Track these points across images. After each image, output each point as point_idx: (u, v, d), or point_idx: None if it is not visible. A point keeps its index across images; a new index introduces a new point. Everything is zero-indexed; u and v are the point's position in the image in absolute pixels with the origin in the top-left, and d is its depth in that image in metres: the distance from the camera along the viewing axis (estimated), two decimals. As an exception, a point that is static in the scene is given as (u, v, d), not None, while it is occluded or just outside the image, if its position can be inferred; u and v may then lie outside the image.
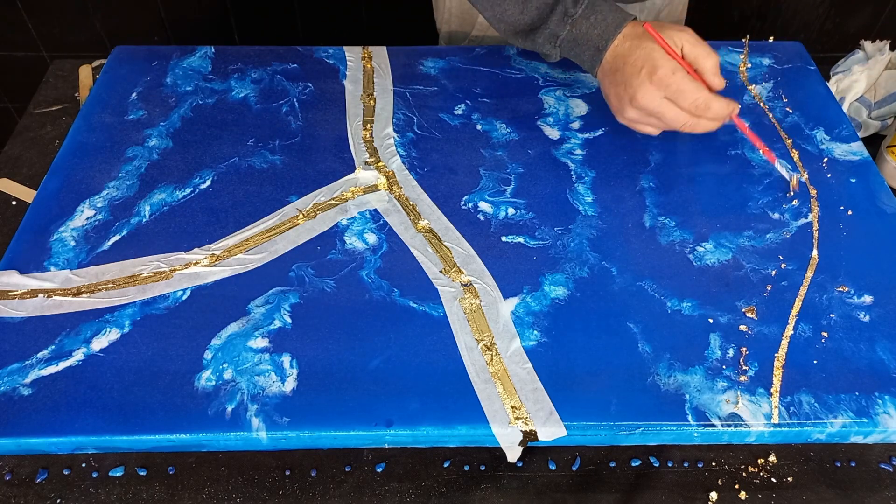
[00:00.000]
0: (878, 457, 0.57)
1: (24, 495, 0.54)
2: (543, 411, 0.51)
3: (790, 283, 0.59)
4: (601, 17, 0.64)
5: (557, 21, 0.65)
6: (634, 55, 0.61)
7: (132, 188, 0.67)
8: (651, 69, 0.60)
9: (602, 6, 0.64)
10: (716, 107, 0.61)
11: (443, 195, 0.66)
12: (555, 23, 0.65)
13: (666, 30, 0.62)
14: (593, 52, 0.64)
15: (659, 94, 0.60)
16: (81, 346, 0.55)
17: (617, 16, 0.64)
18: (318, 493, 0.54)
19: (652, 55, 0.61)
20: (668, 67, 0.60)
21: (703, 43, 0.62)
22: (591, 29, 0.64)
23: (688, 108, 0.61)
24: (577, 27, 0.64)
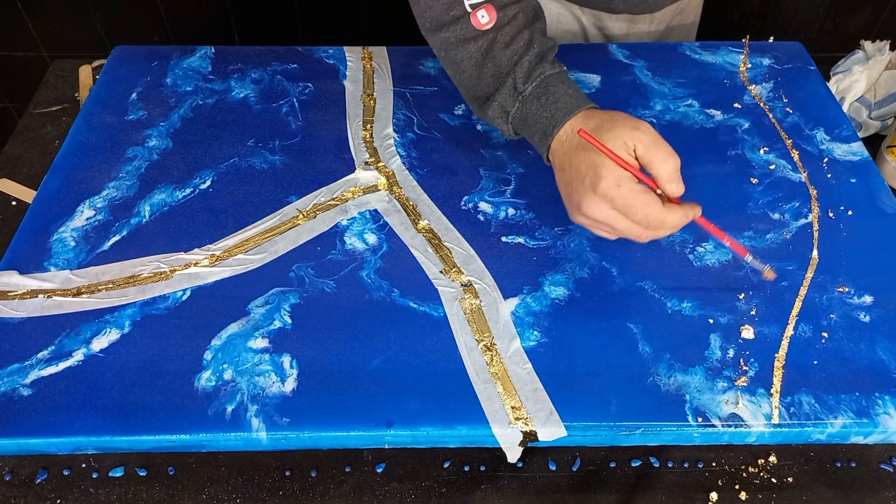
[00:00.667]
0: (878, 457, 0.57)
1: (24, 496, 0.54)
2: (543, 411, 0.51)
3: (790, 283, 0.59)
4: (552, 99, 0.57)
5: (507, 95, 0.59)
6: (578, 158, 0.54)
7: (132, 188, 0.67)
8: (594, 179, 0.52)
9: (557, 88, 0.57)
10: (671, 220, 0.53)
11: (443, 195, 0.66)
12: (504, 96, 0.59)
13: (617, 128, 0.53)
14: (541, 137, 0.58)
15: (605, 205, 0.53)
16: (81, 347, 0.55)
17: (570, 101, 0.57)
18: (318, 494, 0.54)
19: (595, 162, 0.53)
20: (612, 179, 0.52)
21: (660, 144, 0.53)
22: (540, 111, 0.57)
23: (639, 223, 0.53)
24: (526, 106, 0.58)
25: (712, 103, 0.76)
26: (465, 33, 0.59)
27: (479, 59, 0.59)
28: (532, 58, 0.58)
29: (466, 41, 0.59)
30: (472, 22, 0.58)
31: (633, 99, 0.76)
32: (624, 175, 0.52)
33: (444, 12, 0.59)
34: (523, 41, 0.58)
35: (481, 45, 0.59)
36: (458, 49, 0.60)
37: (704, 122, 0.74)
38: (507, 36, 0.59)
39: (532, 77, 0.58)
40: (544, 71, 0.58)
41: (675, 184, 0.53)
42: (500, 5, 0.59)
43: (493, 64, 0.59)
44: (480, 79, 0.60)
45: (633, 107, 0.75)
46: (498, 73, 0.59)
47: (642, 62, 0.80)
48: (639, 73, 0.79)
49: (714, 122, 0.74)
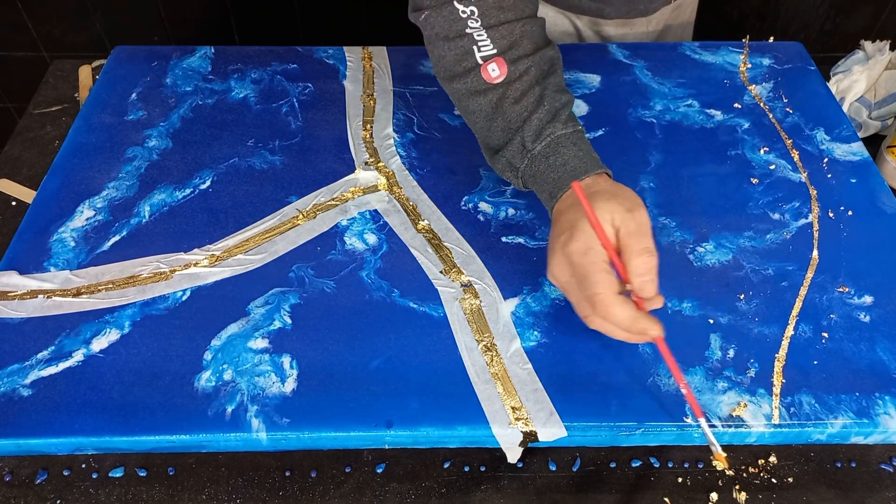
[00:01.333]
0: (879, 457, 0.56)
1: (24, 496, 0.54)
2: (544, 412, 0.51)
3: (790, 283, 0.59)
4: (561, 161, 0.55)
5: (516, 151, 0.57)
6: (567, 216, 0.52)
7: (132, 188, 0.67)
8: (568, 238, 0.50)
9: (567, 149, 0.55)
10: (617, 312, 0.48)
11: (443, 195, 0.66)
12: (512, 152, 0.57)
13: (613, 202, 0.50)
14: (547, 198, 0.56)
15: (566, 269, 0.50)
16: (81, 347, 0.55)
17: (579, 164, 0.54)
18: (318, 494, 0.54)
19: (576, 224, 0.50)
20: (583, 244, 0.49)
21: (643, 235, 0.49)
22: (548, 171, 0.55)
23: (587, 300, 0.49)
24: (535, 164, 0.56)
25: (712, 103, 0.76)
26: (475, 86, 0.57)
27: (489, 112, 0.58)
28: (542, 115, 0.56)
29: (477, 94, 0.58)
30: (483, 75, 0.57)
31: (633, 99, 0.76)
32: (596, 247, 0.49)
33: (455, 63, 0.58)
34: (534, 97, 0.56)
35: (491, 99, 0.57)
36: (469, 101, 0.59)
37: (704, 122, 0.74)
38: (518, 91, 0.56)
39: (542, 136, 0.56)
40: (555, 131, 0.55)
41: (645, 281, 0.49)
42: (511, 59, 0.57)
43: (503, 119, 0.57)
44: (491, 131, 0.59)
45: (633, 107, 0.75)
46: (507, 128, 0.57)
47: (642, 62, 0.80)
48: (639, 73, 0.79)
49: (714, 122, 0.74)
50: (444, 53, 0.58)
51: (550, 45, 0.60)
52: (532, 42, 0.58)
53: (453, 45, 0.57)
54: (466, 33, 0.57)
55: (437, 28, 0.58)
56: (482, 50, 0.57)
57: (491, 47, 0.57)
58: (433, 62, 0.60)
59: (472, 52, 0.57)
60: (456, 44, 0.57)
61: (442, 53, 0.58)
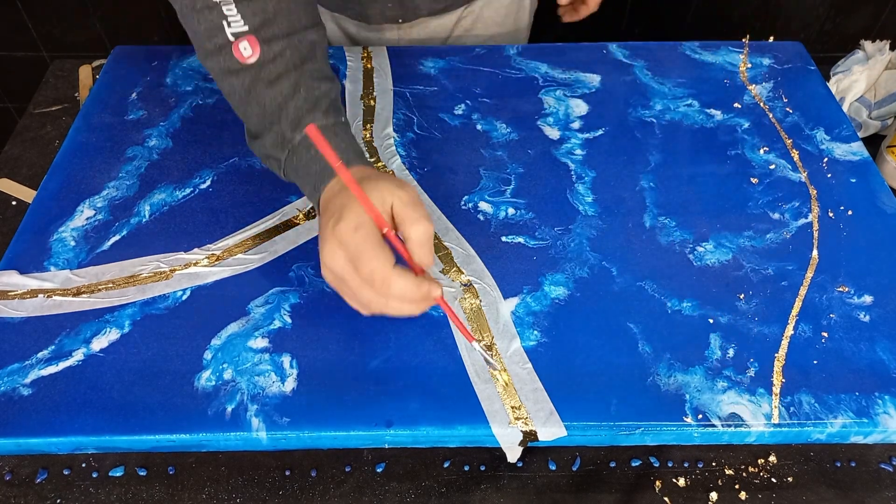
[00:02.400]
0: (878, 457, 0.57)
1: (24, 495, 0.54)
2: (543, 411, 0.51)
3: (790, 283, 0.59)
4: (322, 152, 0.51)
5: (274, 142, 0.53)
6: (333, 204, 0.49)
7: (132, 188, 0.67)
8: (336, 220, 0.47)
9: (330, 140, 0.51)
10: (398, 285, 0.46)
11: (443, 195, 0.66)
12: (271, 142, 0.54)
13: (381, 182, 0.48)
14: (311, 191, 0.53)
15: (340, 252, 0.47)
16: (81, 346, 0.55)
17: (343, 156, 0.52)
18: (318, 493, 0.54)
19: (343, 204, 0.48)
20: (353, 221, 0.46)
21: (417, 206, 0.48)
22: (311, 163, 0.52)
23: (365, 279, 0.47)
24: (296, 155, 0.53)
25: (712, 103, 0.76)
26: (228, 65, 0.53)
27: (242, 95, 0.54)
28: (300, 103, 0.52)
29: (230, 73, 0.54)
30: (235, 53, 0.52)
31: (633, 99, 0.76)
32: (366, 222, 0.47)
33: (206, 39, 0.53)
34: (289, 83, 0.52)
35: (244, 81, 0.53)
36: (223, 80, 0.55)
37: (704, 121, 0.74)
38: (273, 74, 0.53)
39: (300, 126, 0.52)
40: (315, 121, 0.52)
41: (425, 251, 0.48)
42: (264, 38, 0.53)
43: (258, 103, 0.53)
44: (247, 116, 0.55)
45: (633, 106, 0.75)
46: (263, 114, 0.53)
47: (642, 62, 0.80)
48: (639, 73, 0.79)
49: (714, 122, 0.74)
50: (195, 28, 0.54)
51: (313, 28, 0.56)
52: (288, 21, 0.54)
53: (202, 17, 0.53)
54: (215, 3, 0.52)
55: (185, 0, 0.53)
56: (232, 26, 0.52)
57: (242, 24, 0.52)
58: (190, 36, 0.56)
59: (221, 28, 0.52)
60: (205, 16, 0.53)
61: (194, 28, 0.54)
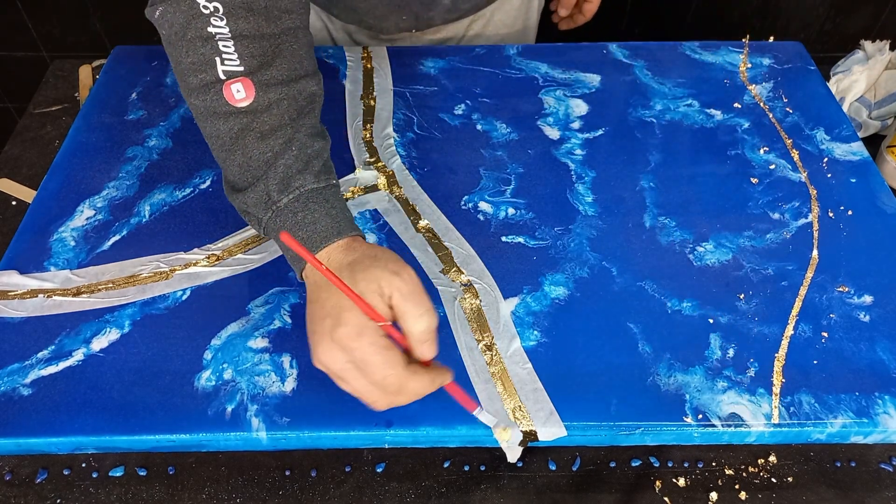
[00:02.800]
0: (878, 457, 0.56)
1: (24, 495, 0.54)
2: (543, 411, 0.51)
3: (790, 283, 0.59)
4: (311, 219, 0.48)
5: (257, 201, 0.49)
6: (326, 294, 0.45)
7: (132, 188, 0.67)
8: (335, 323, 0.44)
9: (319, 206, 0.48)
10: (412, 386, 0.44)
11: (443, 195, 0.66)
12: (254, 200, 0.49)
13: (375, 269, 0.45)
14: (293, 257, 0.50)
15: (342, 356, 0.44)
16: (81, 346, 0.55)
17: (331, 224, 0.48)
18: (318, 493, 0.54)
19: (340, 305, 0.44)
20: (354, 327, 0.43)
21: (418, 297, 0.44)
22: (296, 229, 0.48)
23: (376, 384, 0.44)
24: (280, 219, 0.48)
25: (712, 103, 0.76)
26: (215, 106, 0.48)
27: (227, 142, 0.49)
28: (290, 162, 0.48)
29: (217, 117, 0.49)
30: (225, 95, 0.48)
31: (633, 99, 0.76)
32: (369, 325, 0.43)
33: (192, 73, 0.48)
34: (283, 139, 0.49)
35: (232, 128, 0.49)
36: (206, 123, 0.50)
37: (704, 121, 0.74)
38: (266, 125, 0.49)
39: (290, 188, 0.48)
40: (305, 184, 0.48)
41: (428, 345, 0.44)
42: (261, 82, 0.48)
43: (244, 154, 0.49)
44: (227, 165, 0.50)
45: (633, 106, 0.75)
46: (248, 167, 0.49)
47: (642, 62, 0.80)
48: (639, 73, 0.79)
49: (714, 122, 0.74)
50: (180, 58, 0.49)
51: (313, 77, 0.52)
52: (289, 66, 0.50)
53: (192, 49, 0.48)
54: (209, 34, 0.48)
55: (175, 26, 0.49)
56: (227, 64, 0.48)
57: (237, 63, 0.48)
58: (172, 66, 0.50)
59: (213, 64, 0.48)
60: (196, 48, 0.48)
61: (179, 58, 0.49)
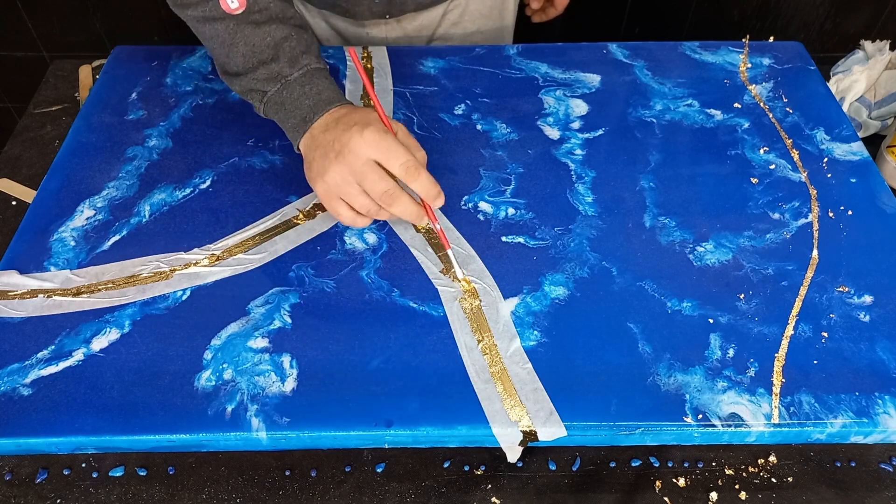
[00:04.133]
0: (878, 457, 0.57)
1: (24, 495, 0.54)
2: (543, 411, 0.51)
3: (790, 283, 0.59)
4: (317, 89, 0.59)
5: (265, 77, 0.59)
6: (351, 116, 0.57)
7: (132, 188, 0.67)
8: (365, 123, 0.55)
9: (322, 81, 0.59)
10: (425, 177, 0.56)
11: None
12: (261, 76, 0.59)
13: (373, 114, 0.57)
14: (298, 122, 0.59)
15: (369, 150, 0.54)
16: (81, 346, 0.55)
17: (333, 94, 0.59)
18: (318, 493, 0.54)
19: (369, 115, 0.56)
20: (381, 127, 0.55)
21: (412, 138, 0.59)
22: (303, 97, 0.58)
23: (398, 170, 0.55)
24: (288, 90, 0.59)
25: (712, 103, 0.76)
26: (213, 14, 0.58)
27: (225, 37, 0.58)
28: (295, 45, 0.59)
29: (213, 20, 0.58)
30: (222, 5, 0.57)
31: (633, 99, 0.76)
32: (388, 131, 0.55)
33: None
34: (280, 27, 0.58)
35: (228, 25, 0.58)
36: (203, 26, 0.59)
37: (704, 121, 0.74)
38: (262, 17, 0.58)
39: (298, 64, 0.58)
40: (311, 63, 0.59)
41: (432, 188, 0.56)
42: None
43: (245, 44, 0.58)
44: (230, 56, 0.60)
45: (633, 106, 0.75)
46: (252, 53, 0.58)
47: (642, 62, 0.80)
48: (639, 73, 0.79)
49: (714, 122, 0.74)
50: None
51: None
52: None
53: None
54: None
55: None
56: None
57: None
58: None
59: None
60: None
61: None
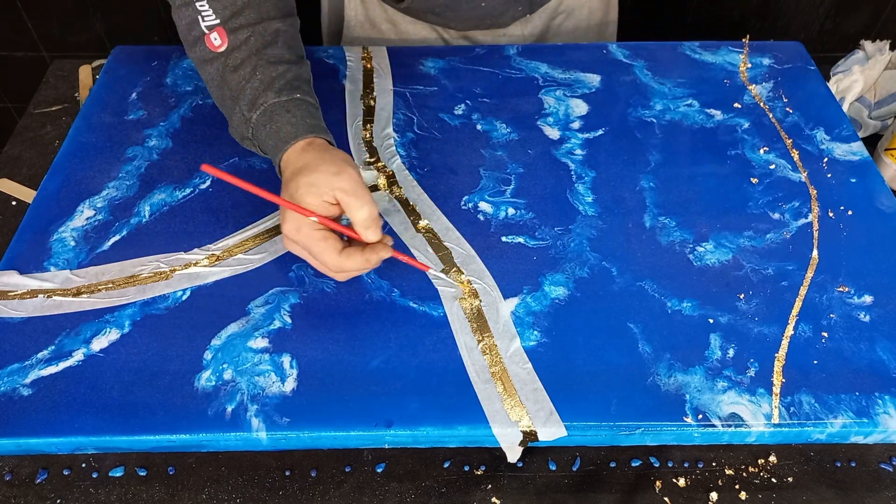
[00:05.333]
0: (878, 457, 0.57)
1: (24, 495, 0.54)
2: (543, 411, 0.51)
3: (790, 283, 0.59)
4: (275, 128, 0.57)
5: (239, 122, 0.59)
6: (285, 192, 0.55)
7: (132, 188, 0.67)
8: (282, 220, 0.55)
9: (281, 117, 0.57)
10: (349, 265, 0.54)
11: (443, 195, 0.66)
12: (237, 122, 0.60)
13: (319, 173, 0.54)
14: (274, 166, 0.59)
15: (294, 245, 0.55)
16: (81, 347, 0.55)
17: (291, 130, 0.57)
18: (318, 494, 0.54)
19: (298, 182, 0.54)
20: (293, 223, 0.54)
21: (357, 192, 0.53)
22: (267, 139, 0.58)
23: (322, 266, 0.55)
24: (257, 133, 0.59)
25: (712, 103, 0.76)
26: (203, 54, 0.59)
27: (217, 80, 0.60)
28: (256, 85, 0.58)
29: (206, 62, 0.60)
30: (207, 44, 0.59)
31: (633, 99, 0.76)
32: (305, 221, 0.53)
33: (187, 32, 0.60)
34: (250, 67, 0.58)
35: (217, 68, 0.59)
36: (202, 69, 0.61)
37: (704, 121, 0.74)
38: (237, 60, 0.58)
39: (256, 105, 0.58)
40: (267, 100, 0.58)
41: (371, 231, 0.54)
42: (231, 28, 0.58)
43: (227, 87, 0.59)
44: (222, 100, 0.61)
45: (633, 106, 0.75)
46: (230, 97, 0.59)
47: (642, 62, 0.80)
48: (639, 73, 0.79)
49: (714, 122, 0.74)
50: (178, 21, 0.60)
51: (281, 19, 0.61)
52: (256, 12, 0.59)
53: (182, 13, 0.59)
54: (190, 1, 0.58)
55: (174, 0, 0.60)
56: (205, 20, 0.58)
57: (213, 17, 0.58)
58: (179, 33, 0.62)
59: (197, 22, 0.59)
60: (184, 13, 0.59)
61: (178, 22, 0.60)
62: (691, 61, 0.81)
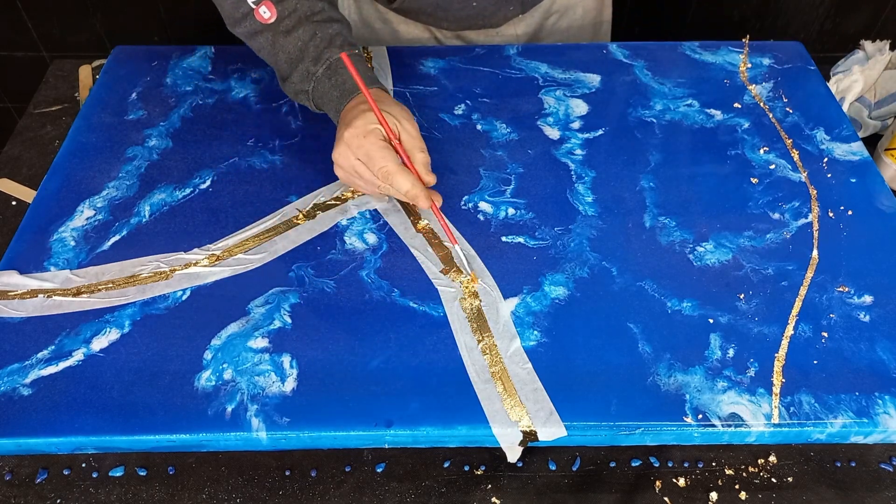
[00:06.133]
0: (878, 457, 0.57)
1: (24, 495, 0.54)
2: (543, 411, 0.51)
3: (790, 283, 0.59)
4: (341, 80, 0.63)
5: (301, 77, 0.64)
6: (350, 115, 0.60)
7: (132, 188, 0.67)
8: (346, 127, 0.59)
9: (344, 70, 0.63)
10: (399, 181, 0.58)
11: (443, 195, 0.66)
12: (299, 77, 0.64)
13: (393, 106, 0.61)
14: (334, 114, 0.64)
15: (351, 154, 0.59)
16: (81, 347, 0.55)
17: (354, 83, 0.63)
18: (318, 493, 0.54)
19: (358, 115, 0.59)
20: (361, 128, 0.58)
21: (419, 138, 0.60)
22: (331, 90, 0.63)
23: (377, 174, 0.59)
24: (320, 85, 0.64)
25: (712, 103, 0.76)
26: (253, 27, 0.64)
27: (269, 48, 0.65)
28: (318, 43, 0.63)
29: (256, 34, 0.65)
30: (257, 17, 0.63)
31: (633, 99, 0.76)
32: (374, 129, 0.58)
33: (234, 10, 0.64)
34: (306, 30, 0.63)
35: (268, 37, 0.64)
36: (252, 41, 0.66)
37: (704, 121, 0.74)
38: (289, 26, 0.63)
39: (321, 60, 0.63)
40: (332, 55, 0.63)
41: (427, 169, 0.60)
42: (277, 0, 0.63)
43: (283, 51, 0.64)
44: (277, 64, 0.66)
45: (633, 106, 0.75)
46: (289, 59, 0.64)
47: (642, 62, 0.80)
48: (639, 73, 0.79)
49: (714, 122, 0.74)
50: (222, 3, 0.65)
51: None
52: None
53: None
54: None
55: None
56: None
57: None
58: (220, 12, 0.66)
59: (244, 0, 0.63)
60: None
61: (221, 3, 0.65)
62: (691, 61, 0.81)
